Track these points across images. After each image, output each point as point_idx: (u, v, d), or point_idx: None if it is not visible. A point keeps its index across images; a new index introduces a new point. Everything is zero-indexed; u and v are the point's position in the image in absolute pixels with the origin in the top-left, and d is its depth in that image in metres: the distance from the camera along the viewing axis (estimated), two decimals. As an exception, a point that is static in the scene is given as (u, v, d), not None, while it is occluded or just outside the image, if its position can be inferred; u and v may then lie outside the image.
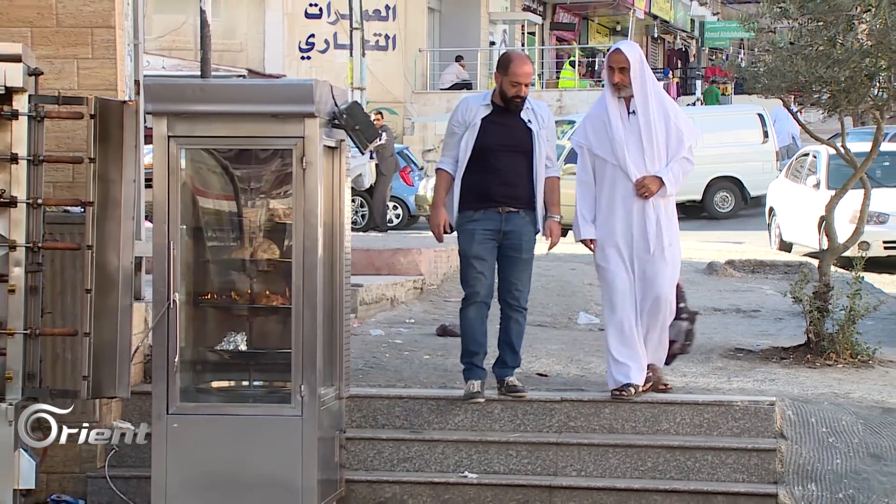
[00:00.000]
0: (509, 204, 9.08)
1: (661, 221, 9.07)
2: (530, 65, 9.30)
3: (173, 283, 8.36)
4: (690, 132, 9.21)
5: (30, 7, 9.61)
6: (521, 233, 9.10)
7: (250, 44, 37.91)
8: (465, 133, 9.11)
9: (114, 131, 8.88)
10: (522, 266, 9.16)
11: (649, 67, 9.23)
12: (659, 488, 8.89)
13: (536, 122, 9.11)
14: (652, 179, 9.00)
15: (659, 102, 9.12)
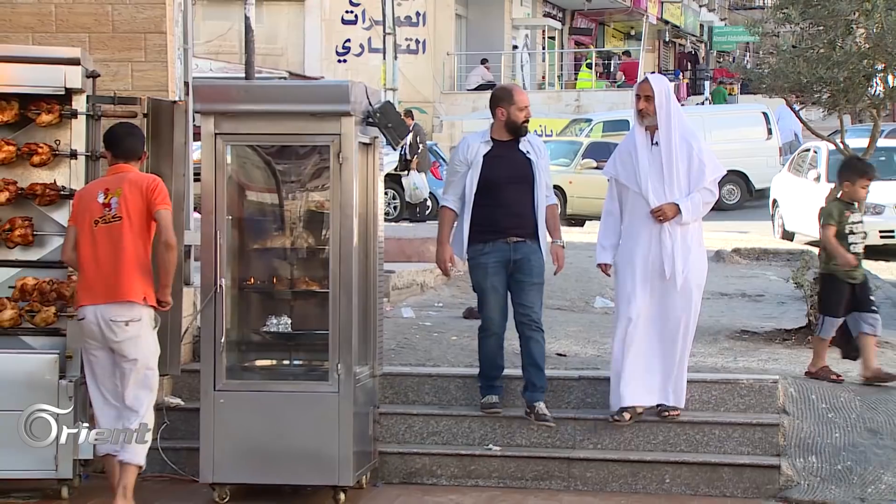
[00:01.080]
0: (516, 234, 8.82)
1: (676, 249, 8.68)
2: (525, 93, 9.17)
3: (220, 270, 8.39)
4: (714, 166, 8.85)
5: (88, 14, 9.64)
6: (530, 259, 8.84)
7: (291, 48, 37.93)
8: (469, 170, 8.83)
9: (165, 129, 8.93)
10: (534, 290, 8.88)
11: (675, 100, 8.92)
12: (669, 460, 8.87)
13: (534, 153, 8.88)
14: (669, 206, 8.66)
15: (683, 134, 8.79)
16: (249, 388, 8.51)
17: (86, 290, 7.90)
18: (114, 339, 7.82)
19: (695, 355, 10.28)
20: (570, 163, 26.61)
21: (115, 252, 7.88)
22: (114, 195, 7.92)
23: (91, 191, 8.05)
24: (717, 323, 11.99)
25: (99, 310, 7.81)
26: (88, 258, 7.90)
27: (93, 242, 7.90)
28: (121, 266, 7.87)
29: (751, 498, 8.64)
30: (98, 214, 7.91)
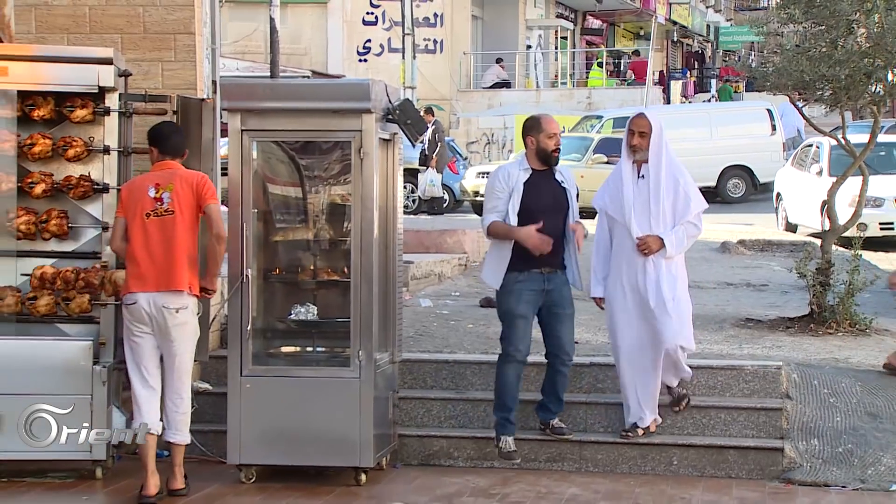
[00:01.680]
0: (550, 264, 8.54)
1: (661, 280, 8.51)
2: (556, 122, 8.86)
3: (246, 260, 8.40)
4: (699, 200, 8.65)
5: (120, 16, 9.66)
6: (562, 290, 8.61)
7: (314, 48, 37.95)
8: (511, 197, 8.49)
9: (193, 126, 8.95)
10: (568, 320, 8.68)
11: (665, 136, 8.64)
12: (677, 443, 8.87)
13: (568, 182, 8.66)
14: (654, 239, 8.48)
15: (670, 169, 8.58)
16: (274, 373, 8.52)
17: (137, 278, 8.00)
18: (165, 324, 7.97)
19: (701, 342, 10.28)
20: (582, 158, 26.57)
21: (168, 244, 8.02)
22: (165, 190, 8.07)
23: (141, 185, 8.11)
24: (723, 311, 11.98)
25: (151, 297, 7.95)
26: (140, 249, 8.01)
27: (145, 234, 8.01)
28: (173, 257, 8.02)
29: (755, 479, 8.63)
30: (150, 208, 8.03)
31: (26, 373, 8.43)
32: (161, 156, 8.20)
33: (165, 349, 8.06)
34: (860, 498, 8.16)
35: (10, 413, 8.38)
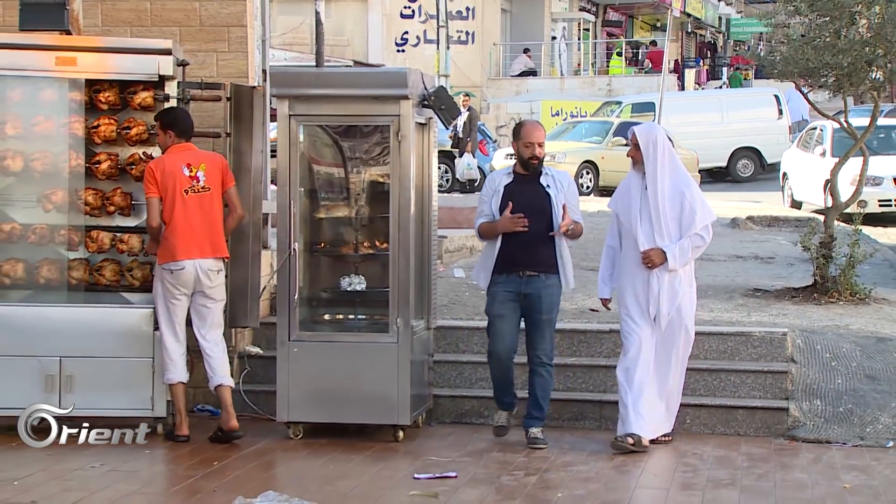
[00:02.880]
0: (530, 268, 8.09)
1: (663, 293, 8.04)
2: (541, 129, 8.30)
3: (293, 235, 8.43)
4: (704, 213, 8.09)
5: (178, 10, 9.68)
6: (541, 295, 8.11)
7: (355, 39, 37.95)
8: (492, 199, 8.18)
9: (245, 111, 8.97)
10: (543, 325, 8.15)
11: (668, 150, 8.10)
12: (690, 403, 8.85)
13: (555, 187, 8.14)
14: (657, 253, 8.00)
15: (675, 182, 8.06)
16: (319, 338, 8.54)
17: (182, 247, 8.17)
18: (209, 284, 8.28)
19: (713, 311, 10.28)
20: (602, 140, 26.52)
21: (207, 216, 8.30)
22: (199, 169, 8.28)
23: (173, 165, 8.20)
24: (733, 282, 11.96)
25: (197, 262, 8.22)
26: (181, 221, 8.17)
27: (185, 208, 8.18)
28: (213, 228, 8.33)
29: (762, 436, 8.62)
30: (187, 185, 8.20)
31: (95, 337, 8.51)
32: (178, 138, 8.31)
33: (203, 307, 8.35)
34: (859, 453, 8.13)
35: (81, 373, 8.46)
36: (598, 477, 7.48)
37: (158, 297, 8.30)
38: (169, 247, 8.18)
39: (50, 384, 8.43)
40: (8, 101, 8.70)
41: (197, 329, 8.40)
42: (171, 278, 8.20)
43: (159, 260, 8.23)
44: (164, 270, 8.22)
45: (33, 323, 8.51)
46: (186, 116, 8.46)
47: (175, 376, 8.30)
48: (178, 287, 8.22)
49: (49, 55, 8.53)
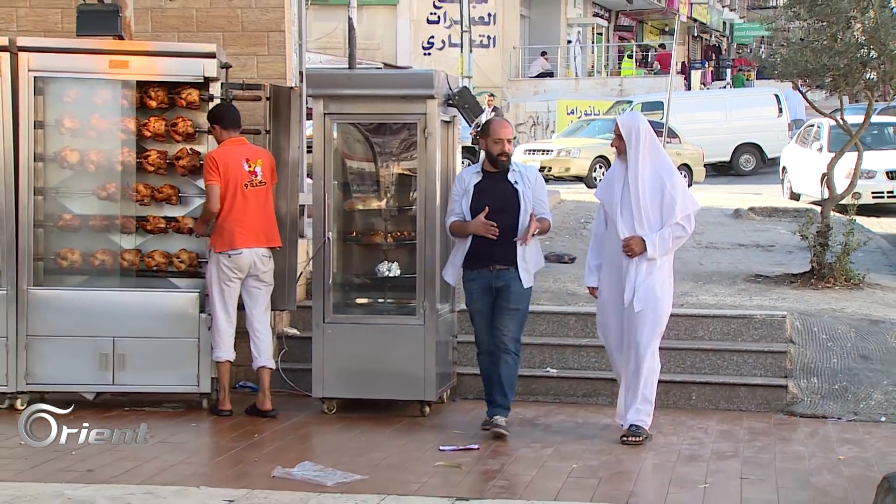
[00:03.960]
0: (499, 262, 7.69)
1: (640, 281, 7.44)
2: (509, 127, 7.93)
3: (327, 225, 8.44)
4: (685, 203, 7.49)
5: (222, 17, 9.70)
6: (510, 287, 7.67)
7: (385, 43, 37.94)
8: (462, 198, 7.79)
9: (283, 110, 8.98)
10: (510, 315, 7.69)
11: (650, 139, 7.51)
12: (695, 381, 8.84)
13: (523, 182, 7.73)
14: (637, 241, 7.41)
15: (657, 170, 7.47)
16: (352, 321, 8.55)
17: (241, 237, 8.20)
18: (262, 269, 8.34)
19: (717, 295, 10.25)
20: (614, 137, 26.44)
21: (263, 208, 8.35)
22: (256, 164, 8.32)
23: (235, 158, 8.21)
24: (735, 268, 11.92)
25: (254, 251, 8.26)
26: (241, 213, 8.21)
27: (244, 200, 8.22)
28: (268, 219, 8.40)
29: (762, 412, 8.60)
30: (247, 179, 8.25)
31: (145, 319, 8.53)
32: (229, 132, 8.31)
33: (255, 289, 8.37)
34: (853, 427, 8.10)
35: (132, 352, 8.49)
36: (610, 449, 7.47)
37: (213, 282, 8.28)
38: (228, 236, 8.18)
39: (104, 362, 8.48)
40: (66, 101, 8.74)
41: (249, 311, 8.40)
42: (229, 263, 8.20)
43: (217, 248, 8.21)
44: (221, 256, 8.21)
45: (89, 306, 8.55)
46: (231, 110, 8.44)
47: (224, 355, 8.32)
48: (234, 272, 8.23)
49: (103, 59, 8.55)
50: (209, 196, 8.19)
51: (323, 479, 6.65)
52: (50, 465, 6.94)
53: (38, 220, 8.62)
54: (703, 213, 17.88)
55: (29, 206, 8.51)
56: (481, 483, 6.68)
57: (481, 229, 7.66)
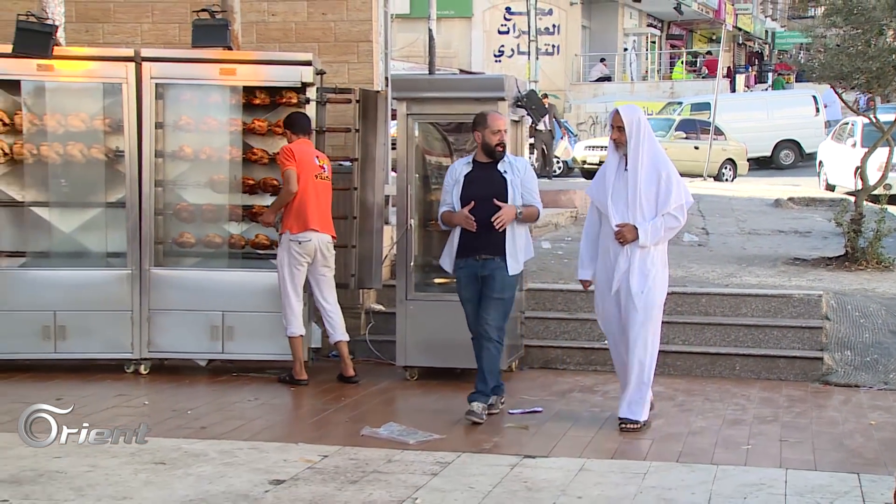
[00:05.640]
0: (486, 251, 7.16)
1: (633, 270, 6.81)
2: (503, 119, 7.38)
3: (409, 213, 8.44)
4: (679, 194, 6.83)
5: (317, 29, 9.76)
6: (494, 276, 7.14)
7: (461, 52, 37.91)
8: (454, 188, 7.27)
9: (371, 111, 9.02)
10: (494, 304, 7.16)
11: (648, 131, 6.87)
12: (739, 353, 8.74)
13: (512, 172, 7.21)
14: (629, 229, 6.77)
15: (653, 161, 6.84)
16: (430, 298, 8.55)
17: (313, 219, 8.14)
18: (326, 254, 8.25)
19: (758, 276, 10.12)
20: (666, 134, 26.24)
21: (326, 201, 8.31)
22: (324, 162, 8.30)
23: (308, 154, 8.23)
24: (775, 252, 11.77)
25: (319, 236, 8.20)
26: (312, 201, 8.15)
27: (315, 190, 8.17)
28: (329, 211, 8.32)
29: (800, 381, 8.47)
30: (317, 172, 8.21)
31: (249, 295, 8.61)
32: (298, 136, 8.26)
33: (322, 276, 8.28)
34: (884, 396, 7.95)
35: (239, 324, 8.58)
36: (661, 414, 7.40)
37: (284, 265, 8.21)
38: (302, 219, 8.13)
39: (215, 333, 8.58)
40: (182, 104, 8.85)
41: (319, 294, 8.32)
42: (298, 248, 8.14)
43: (292, 230, 8.14)
44: (292, 241, 8.15)
45: (202, 283, 8.65)
46: (303, 118, 8.37)
47: (297, 330, 8.25)
48: (302, 256, 8.14)
49: (215, 67, 8.63)
50: (287, 179, 8.07)
51: (406, 437, 6.67)
52: (169, 423, 7.06)
53: (158, 208, 8.74)
54: (747, 202, 17.69)
55: (150, 196, 8.63)
56: (546, 443, 6.66)
57: (462, 221, 7.17)
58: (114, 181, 8.80)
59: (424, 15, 16.59)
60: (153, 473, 5.84)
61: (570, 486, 5.70)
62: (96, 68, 8.60)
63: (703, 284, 9.68)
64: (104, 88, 8.74)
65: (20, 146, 8.72)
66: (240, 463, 6.06)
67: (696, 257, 11.58)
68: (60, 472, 5.80)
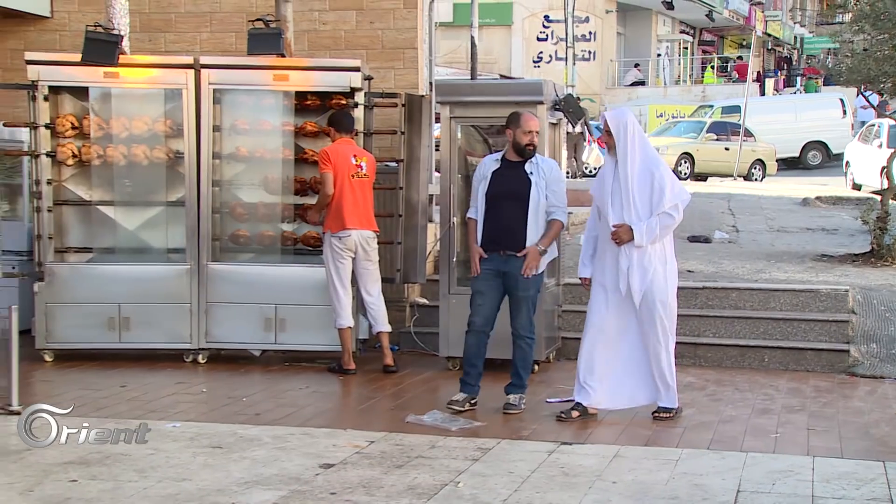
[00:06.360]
0: (509, 247, 6.96)
1: (632, 269, 6.65)
2: (536, 119, 7.13)
3: (452, 211, 8.43)
4: (673, 193, 6.63)
5: (365, 37, 9.79)
6: (517, 274, 6.94)
7: (501, 58, 37.87)
8: (480, 185, 7.09)
9: (416, 114, 9.02)
10: (521, 302, 7.00)
11: (637, 133, 6.69)
12: (768, 345, 8.65)
13: (538, 173, 6.98)
14: (626, 230, 6.62)
15: (644, 163, 6.64)
16: (473, 291, 8.54)
17: (350, 218, 8.13)
18: (367, 248, 8.25)
19: (787, 272, 10.02)
20: (698, 136, 26.10)
21: (365, 198, 8.26)
22: (362, 160, 8.26)
23: (345, 153, 8.21)
24: (804, 249, 11.64)
25: (359, 232, 8.19)
26: (350, 199, 8.14)
27: (352, 189, 8.16)
28: (369, 207, 8.30)
29: (827, 373, 8.37)
30: (354, 171, 8.19)
31: (300, 289, 8.63)
32: (341, 135, 8.27)
33: (365, 269, 8.27)
34: (908, 388, 7.86)
35: (291, 316, 8.62)
36: (693, 403, 7.35)
37: (329, 260, 8.23)
38: (340, 218, 8.13)
39: (268, 325, 8.62)
40: (238, 108, 8.90)
41: (362, 287, 8.33)
42: (340, 243, 8.15)
43: (332, 230, 8.15)
44: (333, 238, 8.16)
45: (256, 278, 8.69)
46: (347, 117, 8.39)
47: (345, 322, 8.26)
48: (344, 251, 8.16)
49: (269, 73, 8.67)
50: (324, 182, 8.10)
51: (448, 424, 6.67)
52: (225, 410, 7.11)
53: (215, 206, 8.80)
54: (775, 201, 17.51)
55: (208, 195, 8.69)
56: (582, 430, 6.64)
57: (473, 260, 7.07)
58: (174, 181, 8.87)
59: (467, 23, 16.60)
60: (210, 457, 5.88)
61: (605, 471, 5.67)
62: (158, 75, 8.68)
63: (734, 280, 9.60)
64: (166, 94, 8.81)
65: (88, 149, 8.82)
66: (292, 447, 6.09)
67: (727, 254, 11.48)
68: (125, 454, 5.86)
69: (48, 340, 8.61)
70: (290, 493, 5.24)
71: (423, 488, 5.33)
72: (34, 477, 5.42)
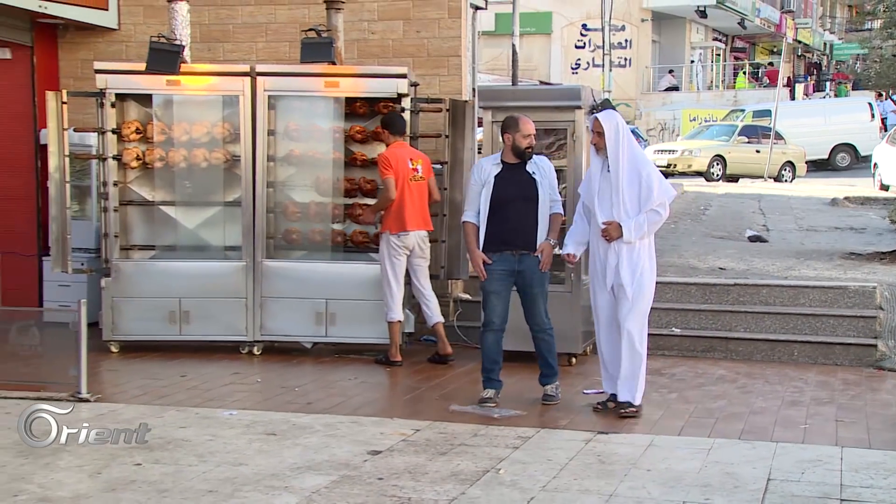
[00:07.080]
0: (521, 247, 6.86)
1: (621, 265, 6.57)
2: (532, 123, 7.00)
3: (494, 210, 8.40)
4: (661, 191, 6.56)
5: (412, 45, 9.79)
6: (533, 271, 6.88)
7: (541, 65, 37.75)
8: (483, 189, 6.90)
9: (459, 119, 9.01)
10: (537, 298, 6.95)
11: (626, 134, 6.64)
12: (797, 340, 8.55)
13: (539, 173, 6.90)
14: (615, 227, 6.54)
15: (633, 163, 6.58)
16: (513, 288, 8.51)
17: (410, 220, 8.16)
18: (423, 246, 8.27)
19: (816, 269, 9.89)
20: (729, 139, 25.84)
21: (422, 199, 8.26)
22: (418, 163, 8.26)
23: (402, 156, 8.22)
24: (832, 247, 11.48)
25: (416, 232, 8.21)
26: (409, 202, 8.17)
27: (410, 192, 8.17)
28: (425, 208, 8.29)
29: (855, 367, 8.26)
30: (411, 174, 8.19)
31: (350, 285, 8.66)
32: (394, 137, 8.26)
33: (419, 266, 8.29)
34: (935, 382, 7.72)
35: (341, 311, 8.65)
36: (725, 395, 7.28)
37: (385, 258, 8.24)
38: (400, 220, 8.17)
39: (319, 319, 8.66)
40: (292, 113, 8.95)
41: (416, 281, 8.34)
42: (398, 242, 8.17)
43: (392, 230, 8.19)
44: (392, 237, 8.19)
45: (307, 274, 8.73)
46: (399, 119, 8.39)
47: (396, 315, 8.27)
48: (401, 249, 8.18)
49: (320, 80, 8.71)
50: (387, 186, 8.13)
51: (490, 413, 6.66)
52: (279, 399, 7.15)
53: (270, 207, 8.86)
54: (805, 201, 17.29)
55: (262, 196, 8.75)
56: (617, 420, 6.59)
57: (477, 265, 6.92)
58: (231, 183, 8.94)
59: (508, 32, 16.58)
60: (265, 443, 5.92)
61: (640, 459, 5.63)
62: (217, 82, 8.75)
63: (764, 277, 9.49)
64: (224, 100, 8.88)
65: (151, 152, 8.91)
66: (341, 435, 6.11)
67: (758, 252, 11.36)
68: (185, 440, 5.92)
69: (114, 333, 8.72)
70: (340, 478, 5.26)
71: (466, 474, 5.33)
72: (102, 460, 5.49)
